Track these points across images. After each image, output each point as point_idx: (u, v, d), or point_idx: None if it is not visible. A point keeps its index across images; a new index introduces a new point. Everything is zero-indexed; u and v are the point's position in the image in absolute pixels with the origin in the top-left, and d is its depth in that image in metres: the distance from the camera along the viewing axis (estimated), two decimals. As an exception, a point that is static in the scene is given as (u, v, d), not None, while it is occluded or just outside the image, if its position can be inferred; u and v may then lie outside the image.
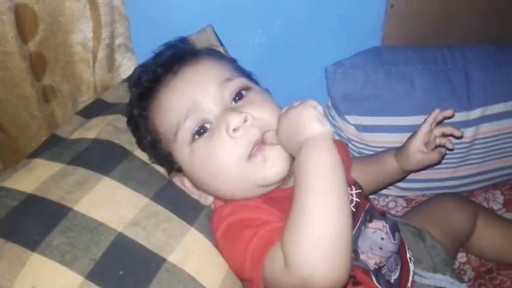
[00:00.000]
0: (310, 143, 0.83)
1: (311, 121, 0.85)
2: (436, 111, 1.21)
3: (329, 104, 1.49)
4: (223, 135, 0.90)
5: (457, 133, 1.21)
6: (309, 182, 0.80)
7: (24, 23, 1.11)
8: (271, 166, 0.91)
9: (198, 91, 0.94)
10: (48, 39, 1.17)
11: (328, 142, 0.83)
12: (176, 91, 0.95)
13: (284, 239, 0.79)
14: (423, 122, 1.20)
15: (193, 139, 0.93)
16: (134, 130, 1.04)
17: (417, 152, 1.19)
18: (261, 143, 0.92)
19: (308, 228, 0.77)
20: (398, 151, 1.24)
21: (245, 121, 0.90)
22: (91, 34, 1.22)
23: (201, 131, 0.93)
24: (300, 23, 1.43)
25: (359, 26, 1.48)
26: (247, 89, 0.98)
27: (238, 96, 0.97)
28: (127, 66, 1.31)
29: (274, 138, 0.92)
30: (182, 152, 0.95)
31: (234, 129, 0.90)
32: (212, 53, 1.08)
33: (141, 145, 1.03)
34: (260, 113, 0.94)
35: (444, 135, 1.22)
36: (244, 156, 0.90)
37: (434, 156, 1.20)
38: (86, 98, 1.28)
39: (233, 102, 0.96)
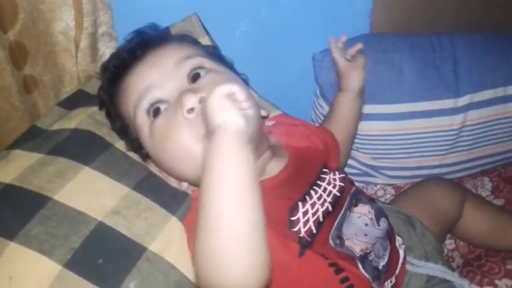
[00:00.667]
0: (211, 136, 0.76)
1: (214, 112, 0.77)
2: (332, 41, 1.34)
3: (317, 92, 1.48)
4: (179, 116, 0.89)
5: (359, 46, 1.32)
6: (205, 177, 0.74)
7: (3, 12, 1.10)
8: None
9: (154, 71, 0.94)
10: (28, 28, 1.15)
11: (228, 134, 0.75)
12: (136, 74, 0.96)
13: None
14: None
15: (150, 120, 0.92)
16: (107, 116, 1.04)
17: (347, 67, 1.29)
18: None
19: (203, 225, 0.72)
20: (338, 87, 1.32)
21: (200, 102, 0.87)
22: (73, 23, 1.20)
23: (156, 110, 0.92)
24: (287, 11, 1.42)
25: (347, 13, 1.47)
26: (205, 69, 0.96)
27: (196, 76, 0.95)
28: (110, 56, 1.29)
29: None
30: (144, 133, 0.94)
31: (189, 110, 0.87)
32: (184, 39, 1.08)
33: (115, 131, 1.03)
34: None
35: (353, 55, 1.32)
36: (199, 137, 0.87)
37: (360, 60, 1.29)
38: (69, 89, 1.26)
39: (191, 83, 0.94)
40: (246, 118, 0.76)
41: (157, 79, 0.93)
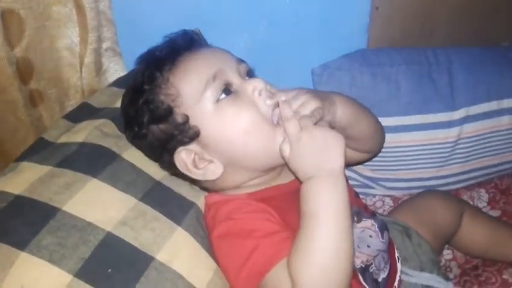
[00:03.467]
0: (329, 175, 0.88)
1: (340, 153, 0.89)
2: None
3: (316, 106, 1.50)
4: (250, 95, 0.98)
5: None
6: (324, 215, 0.86)
7: (10, 28, 1.12)
8: None
9: (221, 61, 1.01)
10: (34, 44, 1.18)
11: (343, 178, 0.89)
12: (202, 59, 1.01)
13: (293, 264, 0.84)
14: None
15: (219, 98, 0.97)
16: (145, 104, 0.99)
17: None
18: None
19: (314, 258, 0.84)
20: None
21: (266, 88, 0.99)
22: (78, 39, 1.23)
23: (228, 90, 0.97)
24: (285, 26, 1.44)
25: (344, 28, 1.49)
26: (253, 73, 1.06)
27: (249, 76, 1.04)
28: (114, 70, 1.32)
29: None
30: (207, 110, 0.97)
31: (259, 92, 0.98)
32: None
33: (147, 122, 1.00)
34: (271, 88, 1.01)
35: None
36: (269, 117, 0.98)
37: None
38: (73, 102, 1.28)
39: (247, 78, 1.02)
40: None
41: (225, 67, 0.99)
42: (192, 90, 0.97)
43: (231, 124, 0.96)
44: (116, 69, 1.32)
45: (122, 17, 1.29)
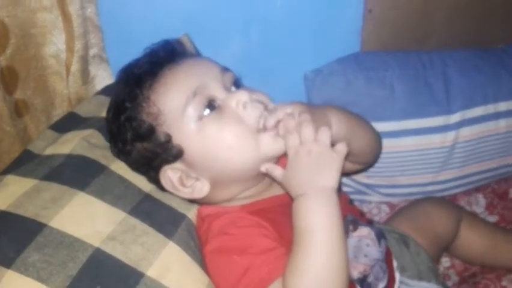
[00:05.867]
0: (322, 192, 0.88)
1: (335, 173, 0.90)
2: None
3: (309, 111, 1.48)
4: (234, 110, 0.95)
5: None
6: (318, 233, 0.86)
7: (-6, 37, 1.10)
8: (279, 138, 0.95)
9: (204, 74, 0.98)
10: (20, 53, 1.16)
11: (336, 195, 0.89)
12: (183, 72, 0.98)
13: (288, 283, 0.84)
14: None
15: (201, 115, 0.95)
16: (127, 121, 0.98)
17: None
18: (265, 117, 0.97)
19: (311, 275, 0.84)
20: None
21: (250, 99, 0.97)
22: (64, 46, 1.21)
23: (210, 105, 0.95)
24: (277, 30, 1.43)
25: (337, 32, 1.49)
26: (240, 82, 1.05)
27: (235, 85, 1.02)
28: (102, 78, 1.30)
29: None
30: (189, 129, 0.95)
31: (244, 105, 0.95)
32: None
33: (131, 140, 0.98)
34: (259, 96, 0.99)
35: None
36: (254, 128, 0.95)
37: None
38: (60, 111, 1.26)
39: (233, 88, 1.01)
40: None
41: (207, 80, 0.97)
42: (173, 107, 0.95)
43: (214, 142, 0.95)
44: (104, 77, 1.30)
45: (109, 23, 1.27)
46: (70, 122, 1.13)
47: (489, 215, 1.50)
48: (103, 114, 1.11)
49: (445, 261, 1.41)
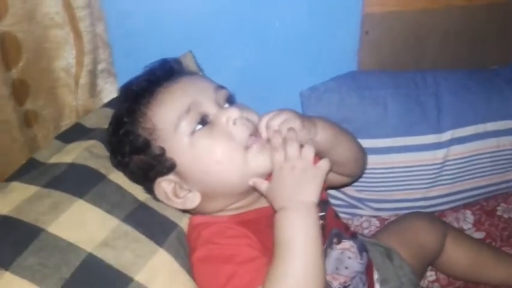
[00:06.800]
0: (303, 206, 0.93)
1: (316, 188, 0.95)
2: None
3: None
4: (224, 126, 1.00)
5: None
6: (297, 246, 0.91)
7: (8, 51, 1.16)
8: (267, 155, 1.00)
9: (197, 92, 1.03)
10: (31, 66, 1.21)
11: (315, 210, 0.94)
12: (178, 90, 1.03)
13: None
14: None
15: (194, 130, 0.99)
16: (125, 135, 1.04)
17: None
18: (255, 135, 1.01)
19: (288, 285, 0.88)
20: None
21: (241, 116, 1.01)
22: (74, 60, 1.26)
23: (203, 121, 1.00)
24: (276, 49, 1.47)
25: (334, 52, 1.52)
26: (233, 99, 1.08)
27: (229, 102, 1.06)
28: (109, 91, 1.35)
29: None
30: (182, 143, 1.00)
31: (234, 121, 1.00)
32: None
33: (128, 152, 1.04)
34: (249, 114, 1.04)
35: None
36: (243, 144, 1.00)
37: None
38: (68, 122, 1.31)
39: (226, 105, 1.05)
40: None
41: (201, 98, 1.02)
42: (167, 123, 1.00)
43: (204, 156, 0.99)
44: (111, 90, 1.35)
45: (118, 40, 1.33)
46: (75, 133, 1.18)
47: (476, 231, 1.51)
48: (107, 125, 1.15)
49: (430, 275, 1.42)
